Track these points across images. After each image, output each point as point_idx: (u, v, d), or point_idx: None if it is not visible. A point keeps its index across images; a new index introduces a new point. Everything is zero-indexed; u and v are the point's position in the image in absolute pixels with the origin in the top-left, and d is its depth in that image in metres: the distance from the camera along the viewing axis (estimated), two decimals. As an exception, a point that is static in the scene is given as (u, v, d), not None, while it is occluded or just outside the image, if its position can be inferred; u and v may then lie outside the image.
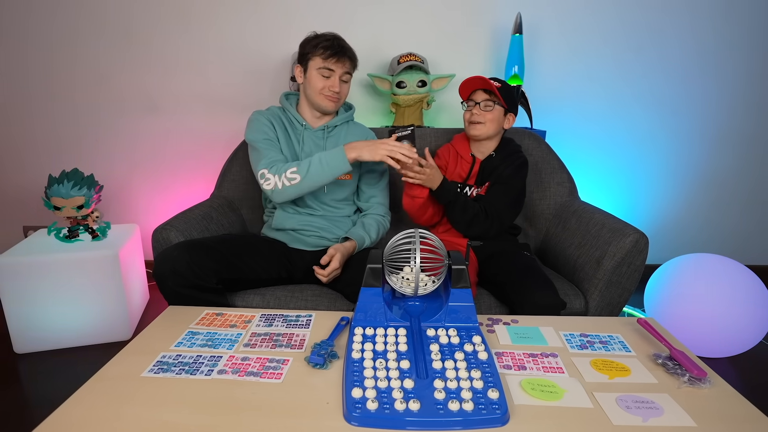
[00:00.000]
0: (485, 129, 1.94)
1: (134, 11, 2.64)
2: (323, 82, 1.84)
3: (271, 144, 1.84)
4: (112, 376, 1.08)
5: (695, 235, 3.09)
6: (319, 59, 1.82)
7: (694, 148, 2.94)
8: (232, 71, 2.75)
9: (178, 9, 2.65)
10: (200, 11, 2.66)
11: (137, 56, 2.71)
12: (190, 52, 2.72)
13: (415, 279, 1.26)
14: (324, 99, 1.87)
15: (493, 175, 1.95)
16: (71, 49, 2.68)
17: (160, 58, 2.72)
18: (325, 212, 1.94)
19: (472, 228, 1.89)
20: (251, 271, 1.76)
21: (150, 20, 2.66)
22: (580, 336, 1.30)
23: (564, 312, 1.69)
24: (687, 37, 2.77)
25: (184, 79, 2.75)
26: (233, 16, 2.67)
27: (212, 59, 2.73)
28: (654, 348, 1.24)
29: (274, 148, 1.84)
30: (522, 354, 1.20)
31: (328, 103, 1.88)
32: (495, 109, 1.92)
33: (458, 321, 1.25)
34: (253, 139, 1.84)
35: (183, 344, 1.23)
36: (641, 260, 1.75)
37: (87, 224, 2.24)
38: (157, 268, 1.55)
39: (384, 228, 1.97)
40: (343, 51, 1.85)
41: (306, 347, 1.22)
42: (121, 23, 2.65)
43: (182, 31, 2.68)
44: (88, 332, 2.18)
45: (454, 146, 2.10)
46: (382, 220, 1.97)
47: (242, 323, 1.35)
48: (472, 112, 1.94)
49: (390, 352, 1.13)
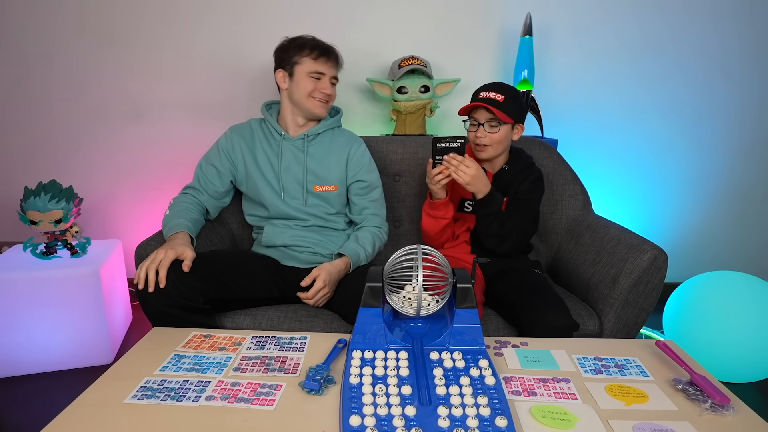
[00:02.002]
0: (492, 151, 1.89)
1: (115, 11, 2.66)
2: (313, 85, 1.88)
3: (208, 174, 1.98)
4: (92, 402, 1.08)
5: (718, 252, 3.10)
6: (309, 61, 1.87)
7: (717, 159, 2.96)
8: (221, 76, 2.76)
9: (163, 8, 2.67)
10: (186, 11, 2.68)
11: (119, 59, 2.73)
12: (176, 55, 2.73)
13: (418, 298, 1.25)
14: (315, 103, 1.91)
15: (509, 190, 1.92)
16: (48, 52, 2.70)
17: (144, 61, 2.73)
18: (315, 223, 1.96)
19: (504, 244, 1.85)
20: (241, 290, 1.76)
21: (132, 21, 2.68)
22: (595, 360, 1.30)
23: (577, 334, 1.70)
24: (709, 38, 2.78)
25: (169, 84, 2.77)
26: (221, 17, 2.69)
27: (200, 63, 2.74)
28: (674, 372, 1.24)
29: (206, 179, 1.97)
30: (532, 379, 1.20)
31: (320, 107, 1.92)
32: (501, 128, 1.86)
33: (464, 343, 1.26)
34: (201, 161, 2.02)
35: (168, 368, 1.23)
36: (660, 278, 1.76)
37: (65, 240, 2.25)
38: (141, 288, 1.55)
39: (381, 240, 1.97)
40: (332, 51, 1.91)
41: (300, 371, 1.22)
42: (101, 24, 2.67)
43: (167, 32, 2.70)
44: (67, 355, 2.18)
45: None
46: (378, 232, 1.97)
47: (232, 346, 1.35)
48: (476, 135, 1.88)
49: (390, 377, 1.13)
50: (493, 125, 1.85)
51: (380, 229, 1.98)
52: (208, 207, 1.98)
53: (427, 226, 1.92)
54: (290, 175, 1.94)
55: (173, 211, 1.83)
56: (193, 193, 1.95)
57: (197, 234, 1.84)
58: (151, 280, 1.52)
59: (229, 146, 1.99)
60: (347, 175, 1.99)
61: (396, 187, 2.30)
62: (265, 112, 2.02)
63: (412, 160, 2.30)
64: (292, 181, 1.94)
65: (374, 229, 1.97)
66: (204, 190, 1.96)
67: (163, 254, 1.56)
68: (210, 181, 1.97)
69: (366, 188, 2.01)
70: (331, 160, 1.97)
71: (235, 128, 2.04)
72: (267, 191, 1.95)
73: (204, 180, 1.97)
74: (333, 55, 1.91)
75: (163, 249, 1.59)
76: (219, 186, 1.98)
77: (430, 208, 1.88)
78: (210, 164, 1.98)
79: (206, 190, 1.96)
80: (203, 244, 1.91)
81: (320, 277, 1.72)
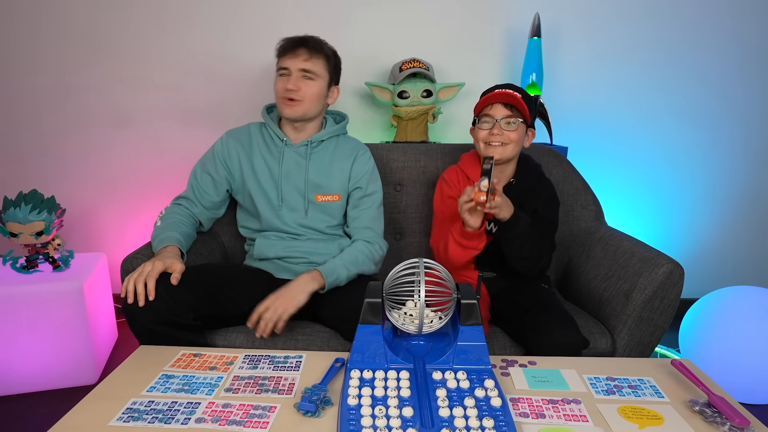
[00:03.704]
0: (507, 152, 1.83)
1: (101, 13, 2.66)
2: (281, 83, 1.87)
3: (203, 182, 1.97)
4: (75, 425, 1.08)
5: (737, 266, 3.09)
6: (277, 60, 1.88)
7: (736, 166, 2.96)
8: (213, 80, 2.76)
9: (151, 10, 2.67)
10: (176, 13, 2.68)
11: (106, 63, 2.72)
12: (165, 59, 2.73)
13: (420, 315, 1.26)
14: (281, 103, 1.89)
15: (524, 209, 1.79)
16: (31, 55, 2.70)
17: (132, 65, 2.73)
18: (311, 237, 1.96)
19: (535, 268, 1.83)
20: (234, 306, 1.76)
21: (120, 23, 2.68)
22: (607, 380, 1.30)
23: (588, 353, 1.70)
24: (727, 39, 2.79)
25: (158, 89, 2.77)
26: (213, 19, 2.69)
27: (190, 67, 2.75)
28: (690, 393, 1.25)
29: (200, 188, 1.97)
30: (540, 400, 1.20)
31: (286, 106, 1.88)
32: (519, 127, 1.81)
33: (468, 363, 1.26)
34: (195, 167, 2.01)
35: (156, 389, 1.23)
36: (676, 294, 1.76)
37: (47, 253, 2.26)
38: (127, 303, 1.55)
39: (369, 256, 1.89)
40: (299, 42, 1.84)
41: (296, 392, 1.22)
42: (87, 27, 2.67)
43: (156, 35, 2.70)
44: (48, 375, 2.18)
45: (463, 168, 2.01)
46: (366, 248, 1.90)
47: (223, 365, 1.36)
48: (492, 132, 1.81)
49: (391, 398, 1.13)
50: (511, 123, 1.81)
51: (370, 245, 1.92)
52: (201, 219, 1.98)
53: (456, 256, 1.80)
54: (291, 185, 1.94)
55: (164, 224, 1.83)
56: (186, 204, 1.95)
57: (188, 249, 1.84)
58: (140, 293, 1.51)
59: (225, 152, 1.98)
60: (351, 182, 1.98)
61: (397, 197, 2.31)
62: (266, 115, 2.00)
63: (414, 169, 2.31)
64: (292, 190, 1.94)
65: (362, 244, 1.91)
66: (198, 202, 1.96)
67: (150, 266, 1.57)
68: (205, 191, 1.96)
69: (362, 198, 1.98)
70: (334, 169, 1.97)
71: (232, 133, 2.03)
72: (262, 202, 1.95)
73: (198, 190, 1.96)
74: (300, 44, 1.83)
75: (151, 261, 1.59)
76: (214, 196, 1.98)
77: (463, 237, 1.75)
78: (205, 172, 1.98)
79: (200, 201, 1.96)
80: (193, 257, 1.92)
81: (270, 310, 1.62)
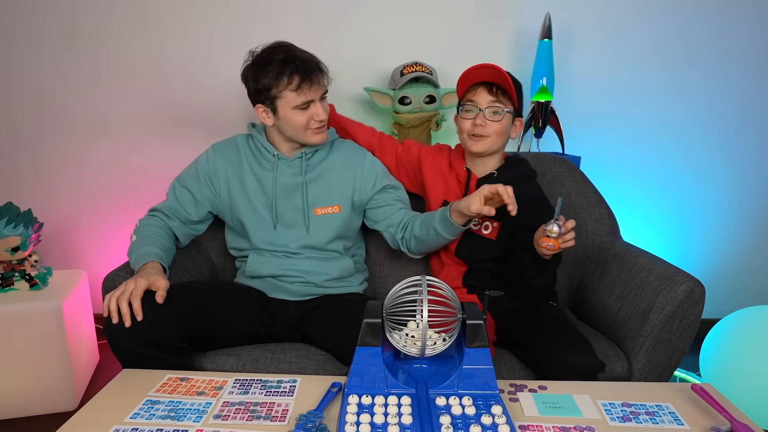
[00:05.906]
0: (490, 143, 1.85)
1: (78, 9, 2.65)
2: (305, 117, 1.83)
3: (181, 199, 1.97)
4: (55, 453, 1.09)
5: (762, 285, 3.09)
6: (291, 94, 1.79)
7: (763, 179, 2.96)
8: (199, 83, 2.77)
9: (132, 6, 2.66)
10: (159, 10, 2.68)
11: (83, 64, 2.72)
12: (148, 60, 2.74)
13: (423, 336, 1.25)
14: (312, 135, 1.88)
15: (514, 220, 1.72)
16: (3, 56, 2.69)
17: (112, 66, 2.73)
18: (309, 255, 1.94)
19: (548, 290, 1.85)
20: (223, 327, 1.76)
21: (98, 20, 2.67)
22: (622, 406, 1.31)
23: (603, 377, 1.69)
24: (755, 42, 2.79)
25: (141, 93, 2.77)
26: (199, 17, 2.69)
27: (175, 69, 2.75)
28: (712, 420, 1.25)
29: (179, 204, 1.96)
30: (552, 427, 1.21)
31: (319, 136, 1.89)
32: (505, 116, 1.82)
33: (474, 387, 1.27)
34: (174, 182, 2.01)
35: (140, 415, 1.24)
36: (696, 314, 1.76)
37: (24, 270, 2.26)
38: (109, 323, 1.54)
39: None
40: (312, 68, 1.81)
41: (289, 419, 1.23)
42: (63, 24, 2.67)
43: (137, 32, 2.70)
44: (25, 401, 2.18)
45: (450, 154, 2.06)
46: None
47: (212, 390, 1.36)
48: (475, 122, 1.83)
49: (391, 425, 1.14)
50: (497, 111, 1.82)
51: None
52: (177, 234, 1.97)
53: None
54: (287, 202, 1.93)
55: (140, 237, 1.83)
56: (162, 217, 1.95)
57: (170, 264, 1.83)
58: (125, 313, 1.50)
59: (211, 169, 1.97)
60: (361, 191, 1.97)
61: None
62: (252, 129, 2.00)
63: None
64: (288, 208, 1.93)
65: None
66: (174, 216, 1.96)
67: (133, 284, 1.55)
68: (183, 208, 1.96)
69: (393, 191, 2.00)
70: (333, 177, 1.96)
71: (218, 146, 2.01)
72: (254, 222, 1.94)
73: (175, 205, 1.96)
74: (315, 71, 1.82)
75: (133, 279, 1.58)
76: (193, 215, 1.97)
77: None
78: (185, 188, 1.97)
79: (177, 216, 1.96)
80: (179, 274, 1.91)
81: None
